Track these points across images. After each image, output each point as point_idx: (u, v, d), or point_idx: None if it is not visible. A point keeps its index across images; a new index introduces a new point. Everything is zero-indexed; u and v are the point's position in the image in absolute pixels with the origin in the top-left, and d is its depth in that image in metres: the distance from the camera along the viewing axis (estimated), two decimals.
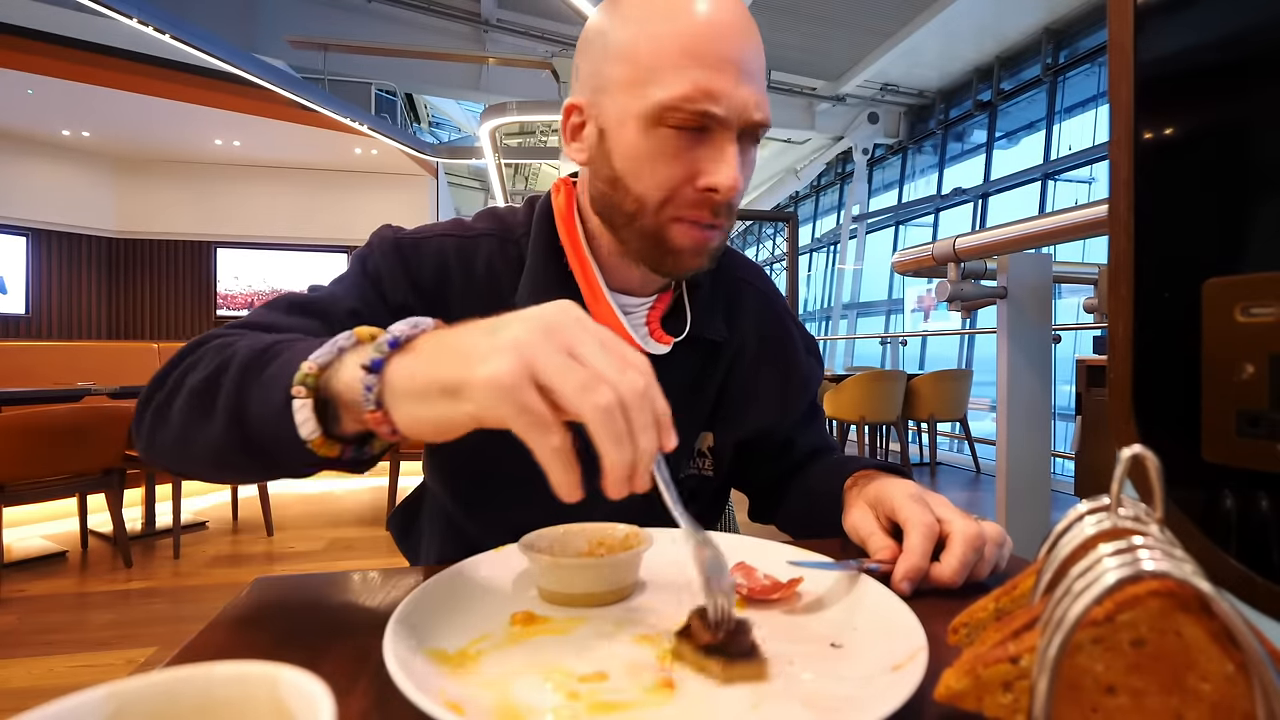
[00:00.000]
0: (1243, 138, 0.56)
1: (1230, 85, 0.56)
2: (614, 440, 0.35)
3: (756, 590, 0.46)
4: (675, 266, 0.64)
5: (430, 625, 0.41)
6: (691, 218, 0.61)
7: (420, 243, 0.68)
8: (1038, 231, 2.28)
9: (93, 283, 8.05)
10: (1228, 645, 0.23)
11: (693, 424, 0.74)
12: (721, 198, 0.59)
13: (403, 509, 0.88)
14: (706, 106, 0.57)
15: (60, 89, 6.00)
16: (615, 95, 0.60)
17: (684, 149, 0.59)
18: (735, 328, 0.75)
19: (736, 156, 0.59)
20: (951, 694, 0.28)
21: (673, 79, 0.57)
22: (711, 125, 0.58)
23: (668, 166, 0.59)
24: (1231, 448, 0.52)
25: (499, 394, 0.35)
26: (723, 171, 0.58)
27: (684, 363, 0.71)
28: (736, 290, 0.78)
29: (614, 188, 0.63)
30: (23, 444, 2.52)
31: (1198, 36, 0.58)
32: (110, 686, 0.22)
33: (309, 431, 0.41)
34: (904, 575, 0.49)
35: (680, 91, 0.57)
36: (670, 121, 0.58)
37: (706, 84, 0.56)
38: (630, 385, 0.36)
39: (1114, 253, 0.62)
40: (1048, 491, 2.59)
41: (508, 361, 0.35)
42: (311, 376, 0.41)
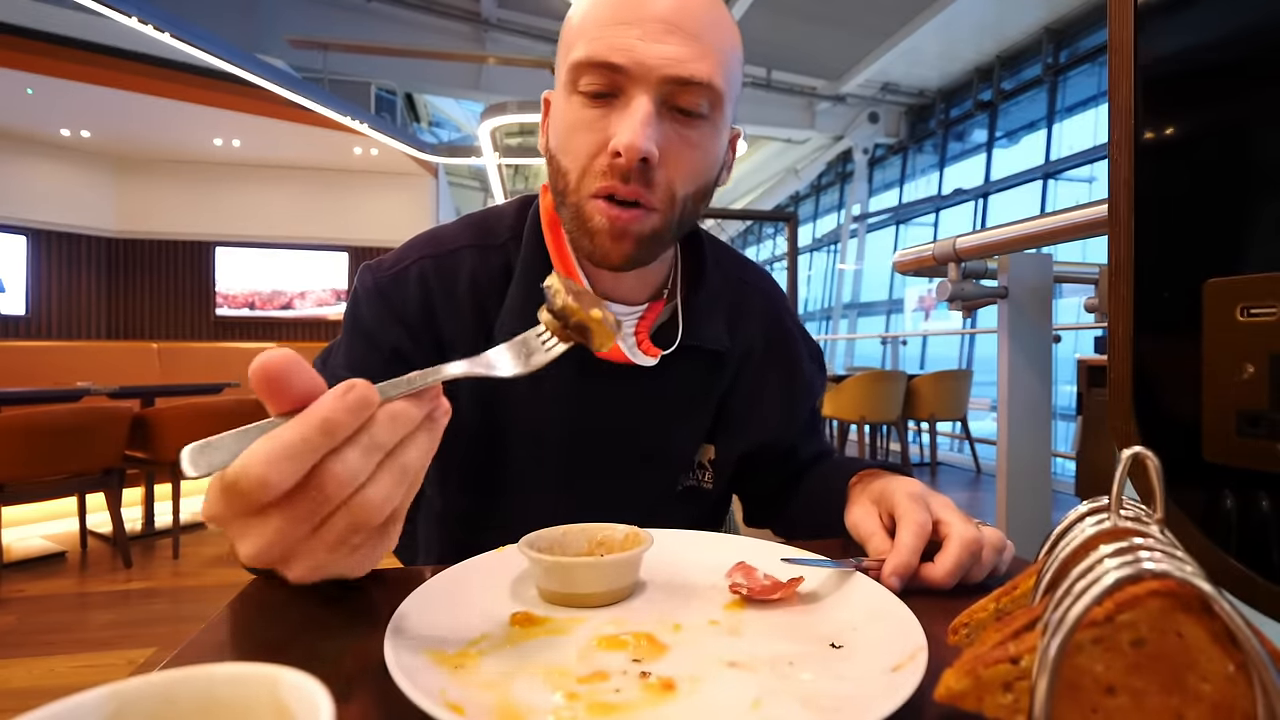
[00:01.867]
0: (1243, 138, 0.56)
1: (1230, 85, 0.56)
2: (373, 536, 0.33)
3: (756, 590, 0.46)
4: (600, 252, 0.59)
5: (430, 625, 0.41)
6: (604, 189, 0.57)
7: (399, 277, 0.66)
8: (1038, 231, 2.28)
9: (92, 283, 8.05)
10: (1228, 645, 0.23)
11: (692, 435, 0.72)
12: (624, 161, 0.54)
13: None
14: (608, 58, 0.54)
15: (60, 89, 6.00)
16: (558, 72, 0.60)
17: (599, 115, 0.56)
18: (739, 335, 0.72)
19: (646, 115, 0.54)
20: (951, 694, 0.28)
21: (584, 40, 0.56)
22: (623, 85, 0.55)
23: (582, 134, 0.57)
24: (1231, 448, 0.52)
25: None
26: (624, 131, 0.54)
27: (682, 373, 0.68)
28: (741, 295, 0.75)
29: (553, 168, 0.61)
30: (22, 444, 2.52)
31: (1198, 37, 0.58)
32: (110, 687, 0.22)
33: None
34: (892, 570, 0.49)
35: (586, 49, 0.55)
36: (582, 86, 0.56)
37: (612, 39, 0.54)
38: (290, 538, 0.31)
39: (1114, 253, 0.62)
40: (1048, 491, 2.59)
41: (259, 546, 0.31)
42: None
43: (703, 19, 0.56)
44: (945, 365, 7.21)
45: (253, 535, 0.31)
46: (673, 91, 0.55)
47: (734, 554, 0.52)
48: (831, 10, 6.91)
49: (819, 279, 11.57)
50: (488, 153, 7.18)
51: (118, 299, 8.19)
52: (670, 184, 0.58)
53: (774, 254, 12.74)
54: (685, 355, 0.68)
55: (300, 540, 0.31)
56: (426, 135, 10.37)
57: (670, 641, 0.41)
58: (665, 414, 0.70)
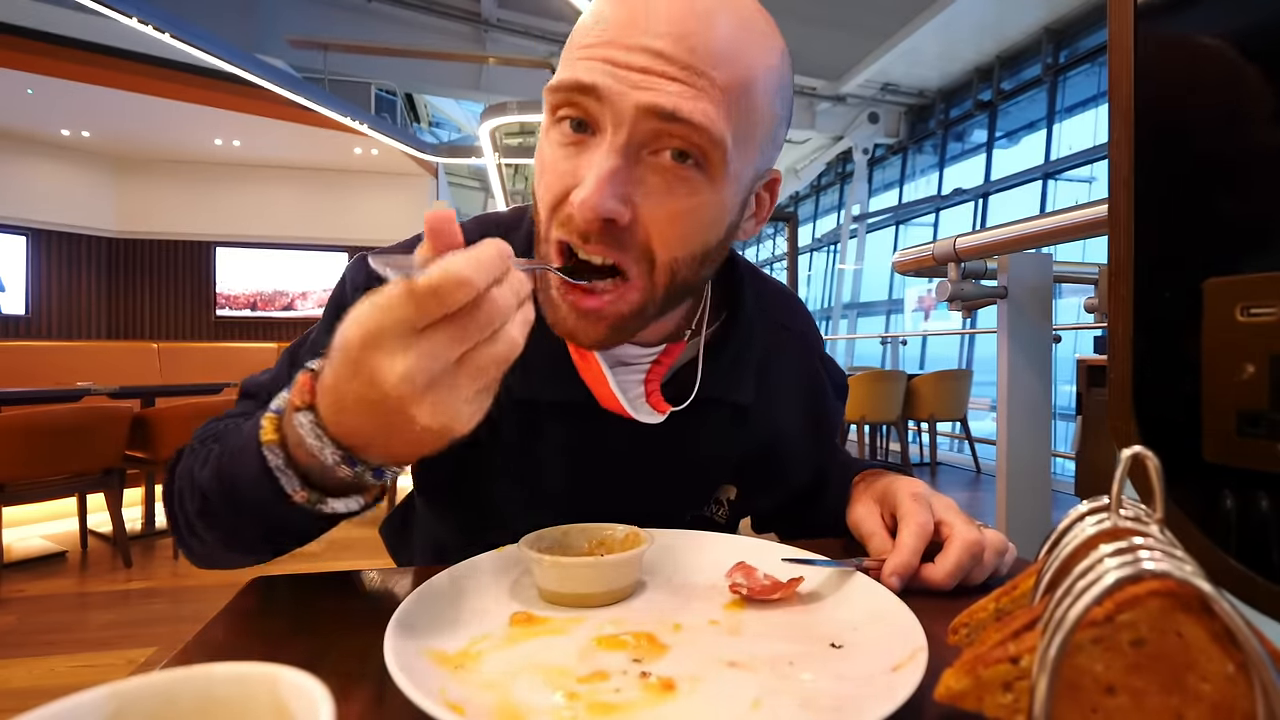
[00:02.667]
0: (1243, 138, 0.56)
1: (1230, 85, 0.56)
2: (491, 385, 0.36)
3: (756, 590, 0.46)
4: (567, 333, 0.51)
5: (430, 625, 0.41)
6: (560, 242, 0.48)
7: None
8: (1038, 231, 2.28)
9: (92, 283, 8.05)
10: (1228, 645, 0.23)
11: (707, 485, 0.67)
12: (579, 222, 0.45)
13: (394, 516, 0.84)
14: (576, 78, 0.44)
15: (60, 89, 6.00)
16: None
17: (572, 153, 0.47)
18: (769, 386, 0.64)
19: (612, 163, 0.44)
20: (951, 694, 0.28)
21: (566, 62, 0.47)
22: (598, 117, 0.45)
23: (550, 173, 0.48)
24: (1231, 448, 0.52)
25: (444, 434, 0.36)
26: (585, 181, 0.44)
27: (698, 427, 0.60)
28: (778, 342, 0.67)
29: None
30: (23, 444, 2.52)
31: (1198, 36, 0.58)
32: (110, 686, 0.22)
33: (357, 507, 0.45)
34: (892, 570, 0.49)
35: (561, 76, 0.46)
36: (559, 114, 0.47)
37: (591, 56, 0.44)
38: (441, 363, 0.34)
39: (1114, 253, 0.62)
40: (1048, 491, 2.58)
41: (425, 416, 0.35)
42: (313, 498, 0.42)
43: (717, 38, 0.44)
44: (945, 365, 7.21)
45: (411, 354, 0.33)
46: (656, 131, 0.44)
47: (734, 554, 0.52)
48: (831, 10, 6.91)
49: (819, 279, 11.57)
50: (488, 153, 7.18)
51: (118, 299, 8.19)
52: (648, 247, 0.47)
53: (774, 254, 12.74)
54: (705, 407, 0.59)
55: (448, 365, 0.34)
56: (426, 135, 10.37)
57: (670, 641, 0.41)
58: (674, 469, 0.63)
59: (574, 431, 0.59)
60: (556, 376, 0.57)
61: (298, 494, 0.42)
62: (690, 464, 0.63)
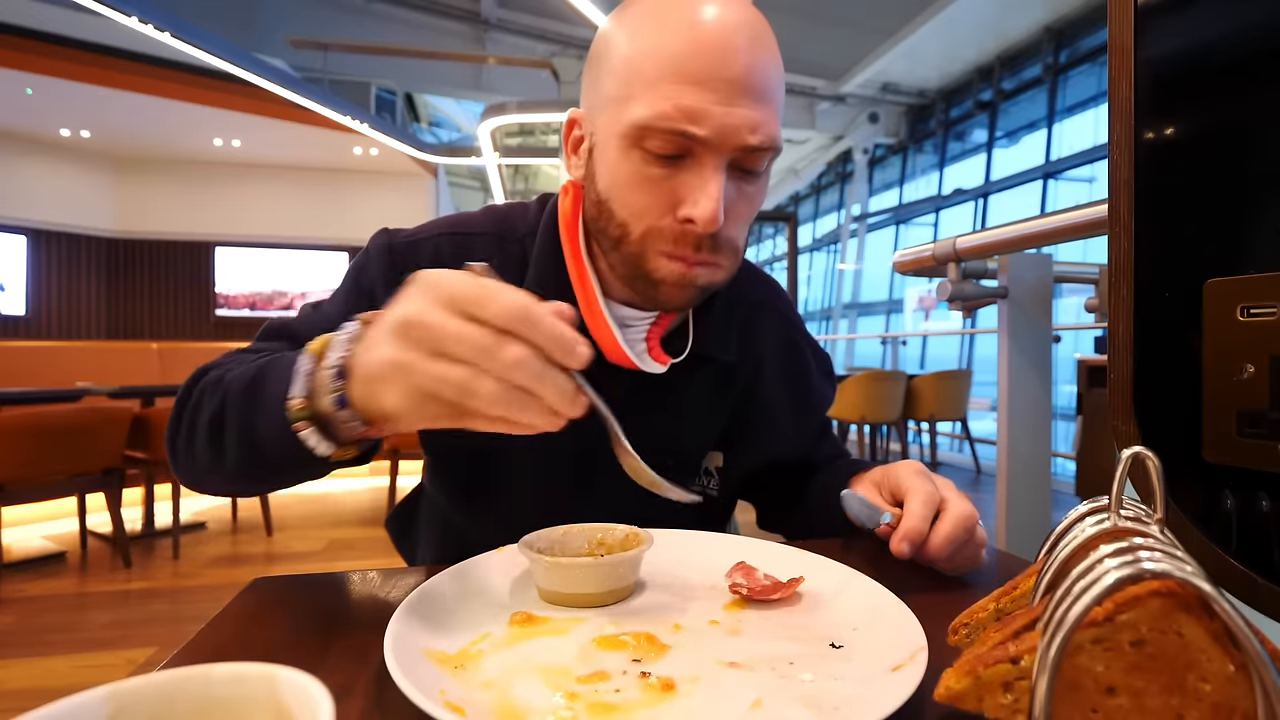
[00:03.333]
0: (1243, 137, 0.56)
1: (1231, 85, 0.56)
2: (517, 411, 0.37)
3: (757, 590, 0.46)
4: (661, 300, 0.60)
5: (430, 625, 0.41)
6: (675, 253, 0.56)
7: (415, 244, 0.66)
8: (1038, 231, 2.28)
9: (92, 283, 8.05)
10: (1228, 645, 0.23)
11: (699, 444, 0.72)
12: (700, 230, 0.53)
13: (400, 510, 0.88)
14: (685, 127, 0.51)
15: (60, 89, 6.00)
16: (605, 111, 0.57)
17: (664, 176, 0.54)
18: (750, 350, 0.72)
19: (720, 186, 0.52)
20: (951, 694, 0.28)
21: (652, 97, 0.52)
22: (694, 149, 0.52)
23: (646, 194, 0.55)
24: (1231, 448, 0.52)
25: (414, 417, 0.38)
26: (701, 203, 0.52)
27: (691, 382, 0.68)
28: (753, 312, 0.74)
29: (600, 211, 0.59)
30: (23, 444, 2.52)
31: (1198, 37, 0.58)
32: (110, 687, 0.22)
33: (325, 450, 0.44)
34: (903, 536, 0.50)
35: (657, 110, 0.51)
36: (648, 145, 0.53)
37: (688, 103, 0.51)
38: (505, 359, 0.36)
39: (1114, 253, 0.62)
40: (1048, 491, 2.58)
41: (400, 392, 0.38)
42: (304, 410, 0.43)
43: (769, 77, 0.54)
44: (945, 365, 7.22)
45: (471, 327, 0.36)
46: (742, 157, 0.54)
47: (734, 554, 0.52)
48: (831, 10, 6.91)
49: (819, 279, 11.57)
50: (488, 153, 7.18)
51: (118, 299, 8.19)
52: (733, 239, 0.58)
53: (774, 254, 12.74)
54: (696, 365, 0.67)
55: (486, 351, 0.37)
56: (426, 135, 10.37)
57: (670, 641, 0.41)
58: (672, 420, 0.68)
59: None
60: None
61: (295, 399, 0.43)
62: (683, 417, 0.69)
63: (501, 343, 0.36)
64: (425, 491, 0.82)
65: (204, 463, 0.51)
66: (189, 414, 0.52)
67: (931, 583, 0.55)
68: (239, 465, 0.49)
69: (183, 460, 0.54)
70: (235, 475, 0.51)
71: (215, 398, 0.50)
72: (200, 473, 0.53)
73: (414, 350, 0.37)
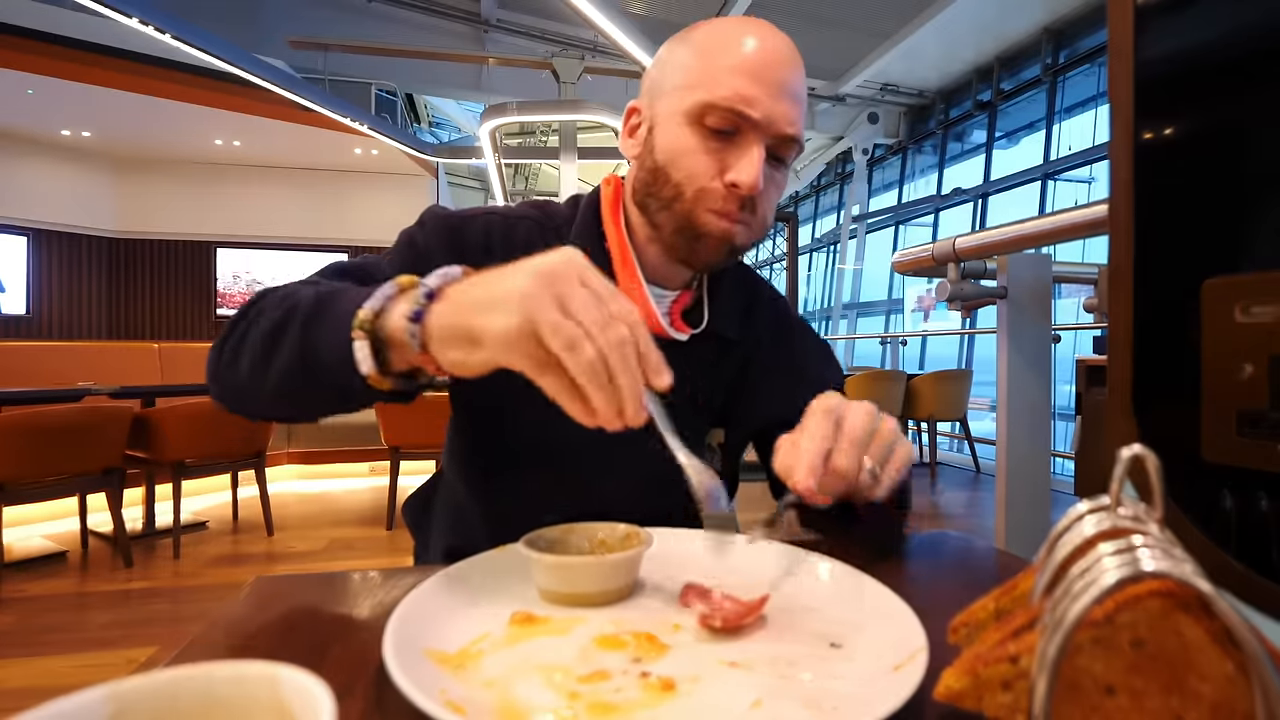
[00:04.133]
0: (1243, 138, 0.56)
1: (1230, 85, 0.56)
2: (596, 387, 0.41)
3: (730, 618, 0.42)
4: (701, 254, 0.69)
5: (430, 625, 0.41)
6: (721, 210, 0.67)
7: (467, 220, 0.74)
8: (1038, 231, 2.28)
9: (93, 283, 8.05)
10: (1228, 645, 0.23)
11: (701, 413, 0.78)
12: (742, 191, 0.65)
13: (418, 495, 0.91)
14: (741, 109, 0.63)
15: (60, 89, 6.00)
16: (669, 97, 0.68)
17: (717, 147, 0.66)
18: (750, 329, 0.81)
19: (762, 158, 0.65)
20: (951, 694, 0.28)
21: (717, 83, 0.65)
22: (744, 128, 0.65)
23: (701, 159, 0.66)
24: (1231, 448, 0.52)
25: (507, 346, 0.42)
26: (746, 169, 0.64)
27: (700, 354, 0.76)
28: (752, 294, 0.84)
29: (655, 177, 0.69)
30: (23, 444, 2.52)
31: (1197, 37, 0.58)
32: (110, 686, 0.22)
33: (367, 369, 0.48)
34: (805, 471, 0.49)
35: (720, 94, 0.64)
36: (709, 120, 0.65)
37: (746, 90, 0.64)
38: (612, 337, 0.41)
39: (1114, 253, 0.62)
40: (1048, 491, 2.59)
41: (513, 319, 0.41)
42: (367, 322, 0.47)
43: (802, 88, 0.68)
44: (945, 365, 7.21)
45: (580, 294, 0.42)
46: (777, 144, 0.66)
47: (734, 554, 0.52)
48: (831, 10, 6.91)
49: (819, 279, 11.57)
50: (488, 153, 7.18)
51: (118, 299, 8.19)
52: (763, 213, 0.70)
53: (774, 254, 12.74)
54: (705, 339, 0.76)
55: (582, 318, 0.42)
56: (426, 135, 10.37)
57: (670, 641, 0.41)
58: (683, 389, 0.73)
59: None
60: None
61: (364, 310, 0.47)
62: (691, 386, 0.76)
63: (615, 323, 0.41)
64: (442, 480, 0.86)
65: (245, 374, 0.55)
66: (245, 325, 0.57)
67: (931, 583, 0.55)
68: (282, 378, 0.53)
69: (225, 373, 0.58)
70: (274, 391, 0.54)
71: (279, 309, 0.54)
72: (239, 385, 0.57)
73: (545, 291, 0.41)
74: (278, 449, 4.61)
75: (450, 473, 0.81)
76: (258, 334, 0.55)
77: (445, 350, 0.45)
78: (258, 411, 0.60)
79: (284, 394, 0.55)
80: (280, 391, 0.54)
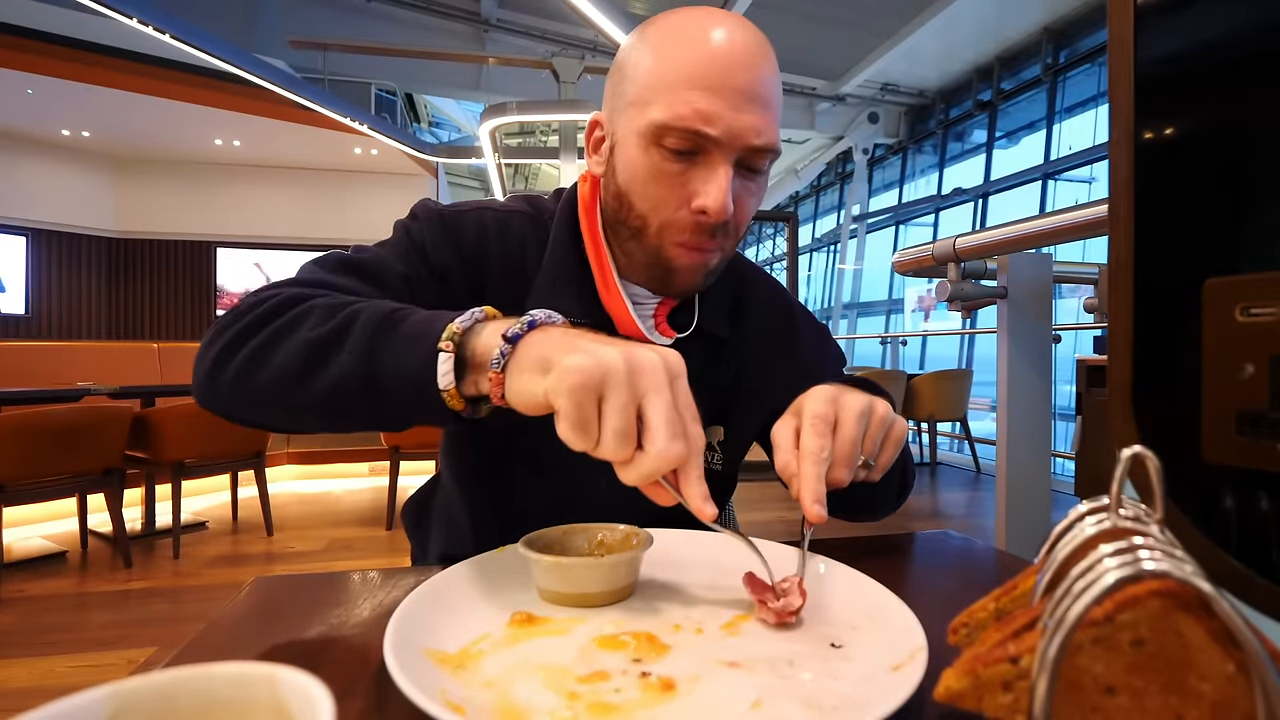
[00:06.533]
0: (1242, 138, 0.56)
1: (1230, 85, 0.56)
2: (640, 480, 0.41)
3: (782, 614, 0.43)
4: (676, 285, 0.67)
5: (430, 625, 0.41)
6: (690, 243, 0.63)
7: (461, 214, 0.71)
8: (1038, 231, 2.28)
9: (93, 283, 8.05)
10: (1228, 645, 0.23)
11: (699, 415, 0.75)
12: (711, 219, 0.60)
13: (416, 497, 0.91)
14: (699, 127, 0.58)
15: (60, 89, 5.99)
16: (627, 115, 0.63)
17: (679, 170, 0.60)
18: (740, 327, 0.77)
19: (728, 179, 0.59)
20: (951, 694, 0.28)
21: (671, 100, 0.59)
22: (706, 147, 0.59)
23: (662, 187, 0.61)
24: (1231, 448, 0.52)
25: (566, 385, 0.40)
26: (712, 194, 0.59)
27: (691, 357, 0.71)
28: (742, 290, 0.80)
29: (619, 203, 0.65)
30: (23, 444, 2.51)
31: (1198, 36, 0.58)
32: (110, 686, 0.22)
33: (447, 382, 0.46)
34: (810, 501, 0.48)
35: (676, 112, 0.58)
36: (666, 142, 0.59)
37: (703, 106, 0.58)
38: (667, 456, 0.40)
39: (1114, 253, 0.62)
40: (1048, 491, 2.59)
41: (590, 369, 0.40)
42: (458, 334, 0.47)
43: (772, 88, 0.61)
44: (945, 365, 7.21)
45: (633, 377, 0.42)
46: (747, 156, 0.61)
47: (734, 554, 0.52)
48: (831, 10, 6.91)
49: (819, 279, 11.56)
50: (488, 153, 7.18)
51: (118, 299, 8.19)
52: (737, 228, 0.65)
53: (774, 254, 12.73)
54: (695, 340, 0.72)
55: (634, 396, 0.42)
56: (426, 135, 10.37)
57: (670, 641, 0.41)
58: None
59: None
60: (582, 300, 0.68)
61: (455, 324, 0.47)
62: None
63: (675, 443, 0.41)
64: (439, 484, 0.85)
65: (268, 380, 0.51)
66: (259, 328, 0.52)
67: (932, 583, 0.55)
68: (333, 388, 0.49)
69: (230, 376, 0.53)
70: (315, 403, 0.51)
71: (326, 318, 0.51)
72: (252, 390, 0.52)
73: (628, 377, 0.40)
74: (277, 449, 4.61)
75: (447, 473, 0.81)
76: (296, 342, 0.51)
77: (519, 375, 0.44)
78: (266, 420, 0.55)
79: (330, 407, 0.51)
80: (326, 404, 0.51)
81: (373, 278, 0.63)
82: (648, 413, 0.41)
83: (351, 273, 0.63)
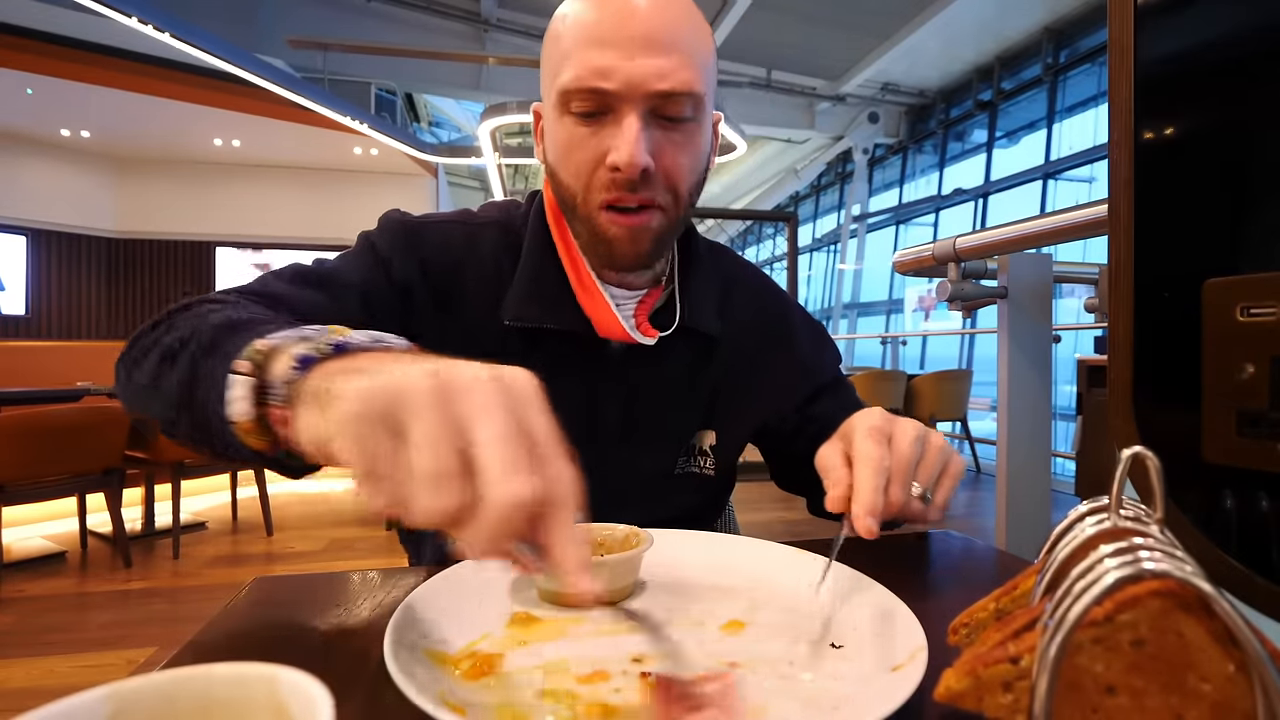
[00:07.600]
0: (1243, 138, 0.56)
1: (1230, 85, 0.56)
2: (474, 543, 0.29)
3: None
4: (619, 257, 0.64)
5: (430, 625, 0.41)
6: (610, 200, 0.60)
7: (426, 226, 0.69)
8: (1038, 231, 2.28)
9: (93, 283, 8.05)
10: (1228, 645, 0.23)
11: (688, 419, 0.73)
12: (624, 174, 0.58)
13: None
14: (595, 84, 0.57)
15: (60, 89, 5.99)
16: (546, 94, 0.63)
17: (590, 134, 0.59)
18: (729, 323, 0.74)
19: (636, 130, 0.57)
20: (951, 694, 0.28)
21: (570, 64, 0.58)
22: (611, 103, 0.58)
23: (578, 152, 0.60)
24: (1231, 448, 0.52)
25: (339, 417, 0.30)
26: (621, 148, 0.57)
27: (677, 356, 0.71)
28: (731, 284, 0.78)
29: (556, 183, 0.64)
30: (23, 444, 2.51)
31: (1198, 36, 0.58)
32: (110, 686, 0.22)
33: (237, 412, 0.37)
34: (864, 511, 0.45)
35: (573, 74, 0.57)
36: (572, 107, 0.59)
37: (598, 63, 0.57)
38: (504, 498, 0.28)
39: (1114, 253, 0.62)
40: (1048, 491, 2.58)
41: (373, 392, 0.30)
42: (260, 354, 0.37)
43: (678, 28, 0.58)
44: (945, 365, 7.21)
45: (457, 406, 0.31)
46: (660, 104, 0.58)
47: (734, 554, 0.52)
48: (831, 10, 6.91)
49: (819, 279, 11.57)
50: (488, 153, 7.17)
51: (118, 299, 8.19)
52: (672, 182, 0.62)
53: (774, 254, 12.74)
54: (680, 338, 0.70)
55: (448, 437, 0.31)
56: (426, 135, 10.36)
57: (670, 641, 0.41)
58: (660, 393, 0.71)
59: (571, 359, 0.67)
60: (560, 306, 0.66)
61: (262, 343, 0.38)
62: (671, 390, 0.71)
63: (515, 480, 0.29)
64: None
65: (140, 381, 0.49)
66: (161, 330, 0.50)
67: (932, 583, 0.55)
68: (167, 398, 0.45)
69: (124, 369, 0.52)
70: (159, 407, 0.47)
71: (190, 324, 0.47)
72: (131, 389, 0.51)
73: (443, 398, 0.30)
74: None
75: None
76: (160, 347, 0.48)
77: (303, 412, 0.34)
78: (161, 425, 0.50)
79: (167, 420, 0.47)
80: (164, 416, 0.47)
81: (326, 287, 0.61)
82: (474, 446, 0.29)
83: (306, 285, 0.61)
